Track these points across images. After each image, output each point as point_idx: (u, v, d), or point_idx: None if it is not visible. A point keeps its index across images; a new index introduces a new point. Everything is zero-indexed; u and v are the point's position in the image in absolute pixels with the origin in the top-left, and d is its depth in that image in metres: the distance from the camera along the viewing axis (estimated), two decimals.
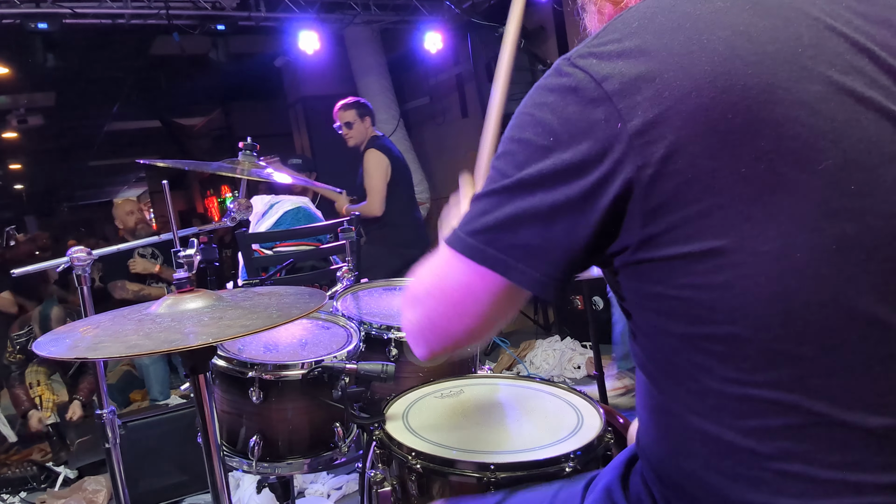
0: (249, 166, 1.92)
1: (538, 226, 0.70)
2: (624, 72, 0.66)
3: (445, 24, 5.28)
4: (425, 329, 0.83)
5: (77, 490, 3.02)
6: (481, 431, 1.26)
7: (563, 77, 0.70)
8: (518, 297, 0.77)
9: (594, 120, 0.67)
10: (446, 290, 0.79)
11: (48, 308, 3.91)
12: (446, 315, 0.79)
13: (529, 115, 0.72)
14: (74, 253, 1.62)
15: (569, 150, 0.68)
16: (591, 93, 0.67)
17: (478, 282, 0.75)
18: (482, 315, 0.77)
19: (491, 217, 0.72)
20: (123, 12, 4.27)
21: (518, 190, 0.71)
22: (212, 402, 1.14)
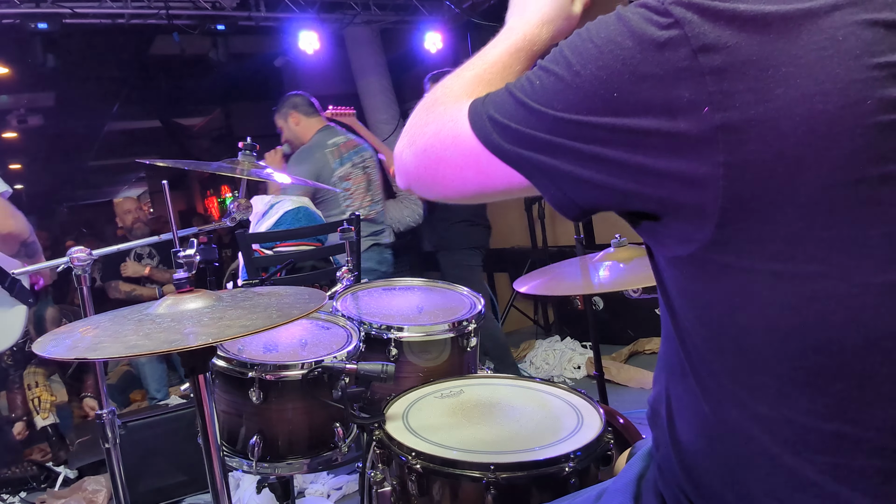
0: (249, 166, 1.92)
1: (575, 164, 0.63)
2: (732, 46, 0.56)
3: (445, 24, 5.27)
4: (421, 176, 0.79)
5: (77, 490, 3.02)
6: (481, 431, 1.26)
7: (653, 26, 0.58)
8: (530, 192, 0.72)
9: (675, 96, 0.57)
10: (459, 165, 0.74)
11: (42, 309, 3.90)
12: (447, 180, 0.76)
13: (596, 47, 0.61)
14: (74, 253, 1.62)
15: (633, 118, 0.59)
16: (681, 61, 0.57)
17: (499, 172, 0.70)
18: (483, 192, 0.74)
19: (532, 133, 0.66)
20: (123, 12, 4.27)
21: (564, 127, 0.63)
22: (212, 402, 1.14)
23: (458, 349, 1.74)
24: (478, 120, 0.71)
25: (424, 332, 1.70)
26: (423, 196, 0.82)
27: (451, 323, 1.73)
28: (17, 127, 8.10)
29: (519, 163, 0.68)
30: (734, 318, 0.62)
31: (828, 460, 0.59)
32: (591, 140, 0.62)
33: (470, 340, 1.75)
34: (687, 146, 0.57)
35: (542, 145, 0.65)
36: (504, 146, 0.68)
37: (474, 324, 1.76)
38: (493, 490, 1.07)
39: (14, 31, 4.03)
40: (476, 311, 1.81)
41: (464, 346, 1.74)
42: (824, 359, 0.58)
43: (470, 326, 1.75)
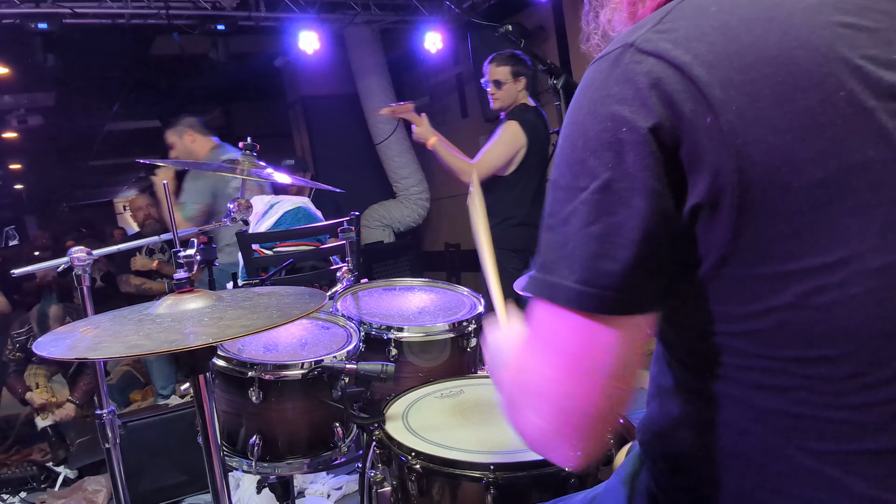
0: (249, 166, 1.92)
1: (632, 236, 0.61)
2: (710, 59, 0.59)
3: (445, 24, 5.27)
4: (565, 423, 0.65)
5: (77, 490, 3.02)
6: (481, 431, 1.26)
7: (630, 65, 0.62)
8: (638, 325, 0.65)
9: (678, 109, 0.59)
10: (570, 358, 0.64)
11: (46, 306, 3.92)
12: (581, 390, 0.64)
13: (589, 112, 0.64)
14: (74, 253, 1.62)
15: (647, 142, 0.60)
16: (672, 80, 0.59)
17: (598, 331, 0.62)
18: (616, 369, 0.64)
19: (571, 244, 0.62)
20: (123, 12, 4.27)
21: (601, 197, 0.61)
22: (212, 402, 1.14)
23: (458, 349, 1.74)
24: (555, 292, 0.64)
25: (424, 333, 1.70)
26: (604, 440, 0.70)
27: (451, 323, 1.73)
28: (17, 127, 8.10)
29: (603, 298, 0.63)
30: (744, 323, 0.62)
31: (826, 447, 0.60)
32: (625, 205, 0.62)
33: (470, 340, 1.75)
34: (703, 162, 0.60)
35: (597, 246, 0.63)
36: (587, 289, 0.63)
37: (474, 324, 1.76)
38: (492, 490, 1.07)
39: (14, 31, 4.04)
40: (476, 312, 1.81)
41: (464, 346, 1.74)
42: (828, 348, 0.59)
43: (470, 327, 1.75)
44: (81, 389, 3.84)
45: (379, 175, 6.31)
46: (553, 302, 0.64)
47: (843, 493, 0.60)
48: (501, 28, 2.96)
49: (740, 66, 0.59)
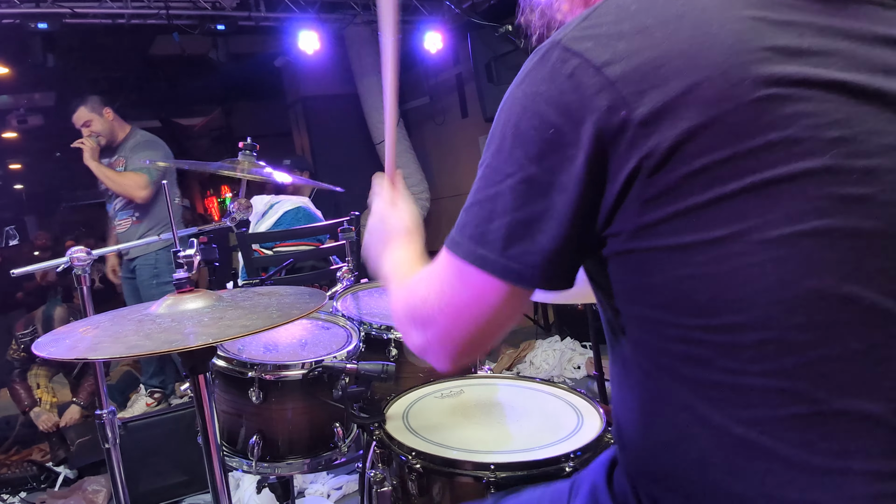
0: (249, 166, 1.92)
1: (552, 227, 0.69)
2: (626, 57, 0.65)
3: (445, 24, 5.27)
4: (445, 343, 0.81)
5: (77, 490, 3.02)
6: (481, 431, 1.26)
7: (557, 63, 0.68)
8: (528, 295, 0.76)
9: (596, 108, 0.65)
10: (459, 304, 0.77)
11: (51, 308, 3.91)
12: (463, 328, 0.78)
13: (522, 106, 0.70)
14: (74, 253, 1.62)
15: (571, 143, 0.66)
16: (591, 79, 0.65)
17: (490, 291, 0.74)
18: (496, 320, 0.77)
19: (497, 222, 0.71)
20: (123, 12, 4.27)
21: (525, 188, 0.69)
22: (212, 402, 1.14)
23: None
24: (462, 250, 0.76)
25: None
26: (469, 359, 0.84)
27: None
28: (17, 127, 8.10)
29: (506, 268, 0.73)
30: (657, 294, 0.68)
31: (752, 415, 0.63)
32: (550, 187, 0.70)
33: None
34: (618, 151, 0.65)
35: (516, 223, 0.72)
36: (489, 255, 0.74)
37: None
38: (493, 490, 1.07)
39: (14, 31, 4.03)
40: None
41: None
42: (732, 315, 0.63)
43: None
44: (86, 391, 3.84)
45: None
46: (479, 267, 0.73)
47: (777, 460, 0.63)
48: (501, 28, 2.97)
49: (652, 61, 0.64)
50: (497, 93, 4.93)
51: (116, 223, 3.88)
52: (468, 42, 5.06)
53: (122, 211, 3.85)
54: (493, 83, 4.92)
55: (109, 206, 3.95)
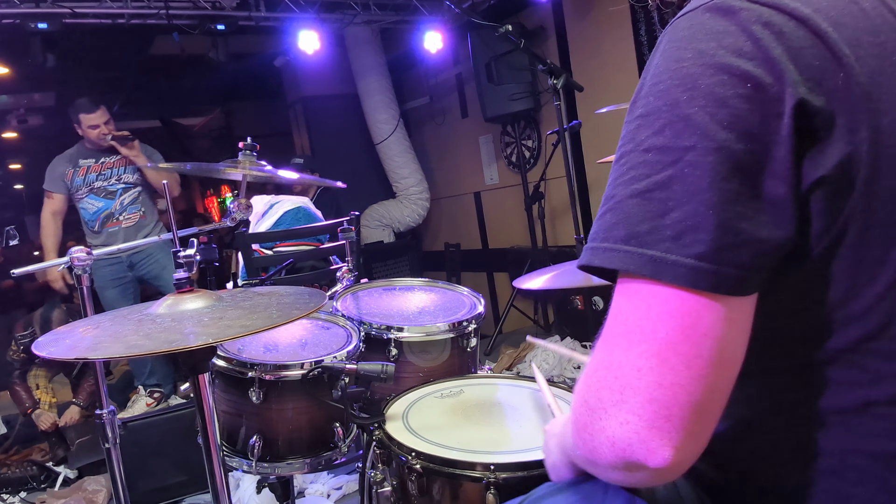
0: (249, 166, 1.92)
1: (762, 209, 0.53)
2: (833, 15, 0.54)
3: (445, 24, 5.27)
4: (658, 417, 0.54)
5: (77, 490, 3.02)
6: (481, 431, 1.26)
7: (742, 12, 0.55)
8: (745, 307, 0.57)
9: (809, 70, 0.52)
10: (660, 346, 0.54)
11: (50, 310, 3.92)
12: (677, 382, 0.54)
13: (696, 65, 0.55)
14: (74, 253, 1.62)
15: (776, 99, 0.53)
16: (796, 30, 0.53)
17: (705, 314, 0.54)
18: (720, 352, 0.55)
19: (676, 213, 0.53)
20: (123, 12, 4.27)
21: (717, 161, 0.53)
22: (212, 402, 1.14)
23: (458, 349, 1.74)
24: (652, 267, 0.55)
25: (424, 332, 1.70)
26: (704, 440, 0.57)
27: (450, 323, 1.73)
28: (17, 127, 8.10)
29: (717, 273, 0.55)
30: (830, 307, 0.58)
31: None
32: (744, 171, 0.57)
33: (470, 340, 1.75)
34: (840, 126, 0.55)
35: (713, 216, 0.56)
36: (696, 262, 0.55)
37: (474, 324, 1.76)
38: (493, 490, 1.07)
39: (14, 31, 4.03)
40: (476, 312, 1.81)
41: (464, 346, 1.74)
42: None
43: (470, 327, 1.75)
44: (86, 391, 3.84)
45: (379, 175, 6.31)
46: (655, 279, 0.54)
47: (890, 493, 0.57)
48: (501, 28, 2.96)
49: (867, 28, 0.54)
50: (497, 93, 4.92)
51: (122, 217, 3.98)
52: (468, 42, 5.06)
53: (131, 205, 4.00)
54: (493, 83, 4.91)
55: (107, 202, 4.00)
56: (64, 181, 3.99)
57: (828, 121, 0.52)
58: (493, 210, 6.02)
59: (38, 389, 3.82)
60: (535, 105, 5.05)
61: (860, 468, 0.58)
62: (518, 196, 5.32)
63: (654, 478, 0.56)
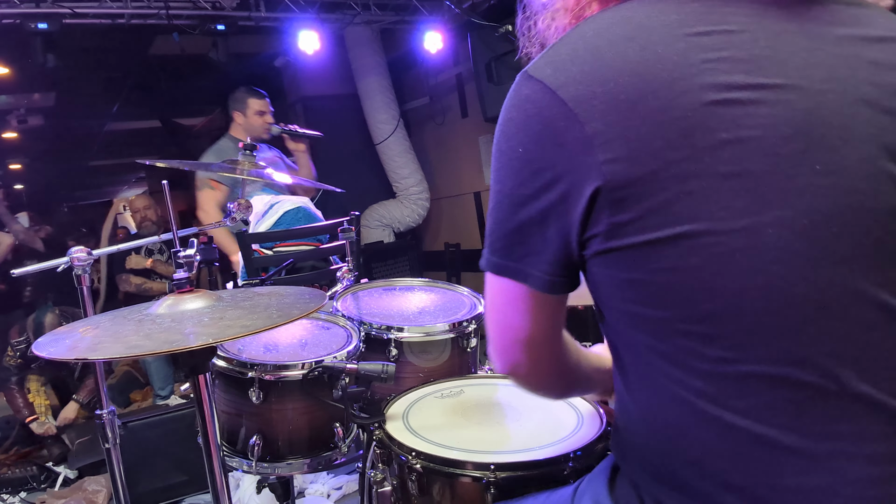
0: (249, 166, 1.92)
1: (536, 231, 0.75)
2: (578, 78, 0.70)
3: (445, 24, 5.27)
4: (496, 348, 0.87)
5: (77, 490, 3.02)
6: (481, 431, 1.26)
7: (522, 91, 0.75)
8: (546, 301, 0.80)
9: (557, 128, 0.70)
10: (497, 309, 0.84)
11: (42, 315, 3.86)
12: (503, 333, 0.85)
13: (502, 132, 0.78)
14: (75, 253, 1.62)
15: (542, 160, 0.72)
16: (549, 101, 0.71)
17: (513, 293, 0.80)
18: (529, 324, 0.82)
19: (500, 232, 0.79)
20: (123, 12, 4.27)
21: (513, 202, 0.76)
22: (212, 402, 1.14)
23: (459, 349, 1.74)
24: (486, 263, 0.82)
25: (424, 333, 1.70)
26: (522, 368, 0.89)
27: (451, 323, 1.73)
28: (17, 127, 8.10)
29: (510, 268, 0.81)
30: (639, 290, 0.71)
31: (745, 403, 0.65)
32: (530, 199, 0.77)
33: (470, 340, 1.75)
34: (582, 163, 0.70)
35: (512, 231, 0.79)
36: (499, 260, 0.81)
37: (474, 324, 1.76)
38: (493, 490, 1.07)
39: (14, 31, 4.03)
40: (476, 312, 1.81)
41: (464, 346, 1.74)
42: (716, 305, 0.66)
43: (470, 327, 1.75)
44: (87, 388, 3.83)
45: (379, 175, 6.31)
46: (494, 272, 0.81)
47: (773, 447, 0.64)
48: (501, 28, 2.96)
49: (602, 80, 0.69)
50: (497, 93, 4.92)
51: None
52: (468, 42, 5.06)
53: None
54: (493, 83, 4.91)
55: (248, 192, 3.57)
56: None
57: (575, 166, 0.70)
58: None
59: (30, 393, 3.81)
60: None
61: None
62: None
63: (519, 384, 0.91)
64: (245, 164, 1.92)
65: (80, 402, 3.78)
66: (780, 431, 0.64)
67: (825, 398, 0.63)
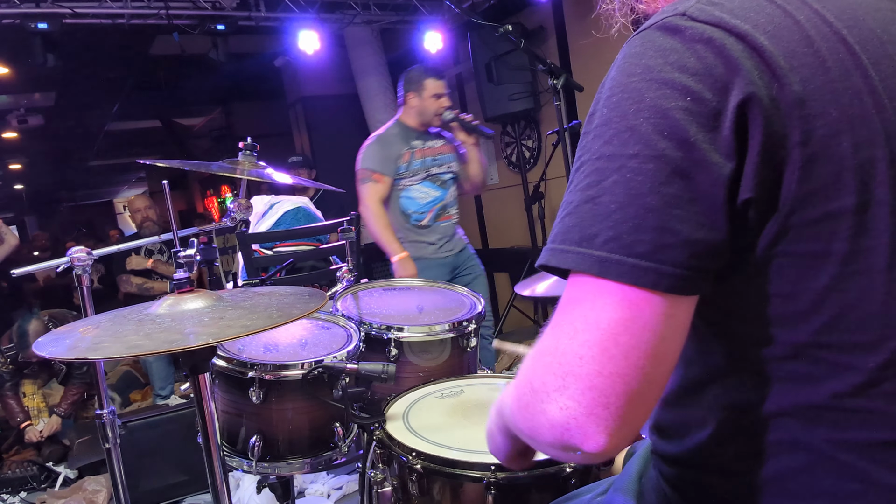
0: (249, 166, 1.92)
1: (696, 213, 0.58)
2: (770, 29, 0.59)
3: (445, 23, 5.27)
4: (596, 404, 0.57)
5: (77, 490, 3.02)
6: (481, 431, 1.26)
7: (688, 31, 0.60)
8: (684, 306, 0.61)
9: (745, 75, 0.57)
10: (602, 338, 0.58)
11: (26, 323, 3.71)
12: (615, 372, 0.57)
13: (643, 80, 0.61)
14: (74, 253, 1.62)
15: (715, 112, 0.57)
16: (736, 45, 0.58)
17: (645, 309, 0.58)
18: (658, 347, 0.58)
19: (635, 221, 0.58)
20: (123, 12, 4.27)
21: (657, 168, 0.58)
22: (212, 402, 1.14)
23: (459, 349, 1.74)
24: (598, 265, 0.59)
25: (424, 332, 1.70)
26: (635, 429, 0.61)
27: (451, 323, 1.73)
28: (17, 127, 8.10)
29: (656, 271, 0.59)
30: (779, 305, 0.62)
31: (851, 437, 0.60)
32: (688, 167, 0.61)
33: (470, 340, 1.75)
34: (771, 130, 0.59)
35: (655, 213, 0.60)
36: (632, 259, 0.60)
37: (474, 324, 1.76)
38: (493, 490, 1.07)
39: (14, 31, 4.03)
40: (476, 311, 1.81)
41: (464, 346, 1.74)
42: (858, 336, 0.59)
43: (470, 326, 1.75)
44: (68, 400, 3.77)
45: None
46: (601, 276, 0.58)
47: (872, 484, 0.60)
48: (501, 28, 2.96)
49: (800, 39, 0.59)
50: (497, 93, 4.92)
51: (453, 212, 3.29)
52: (468, 42, 5.06)
53: (454, 200, 3.32)
54: (493, 83, 4.91)
55: (443, 192, 3.25)
56: (398, 163, 3.15)
57: (762, 128, 0.57)
58: (494, 210, 6.02)
59: (25, 397, 3.80)
60: (535, 105, 5.05)
61: (839, 461, 0.61)
62: (518, 196, 5.32)
63: (587, 459, 0.60)
64: (245, 164, 1.91)
65: (61, 415, 3.74)
66: (884, 470, 0.60)
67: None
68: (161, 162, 1.89)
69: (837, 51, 0.59)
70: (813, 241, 0.58)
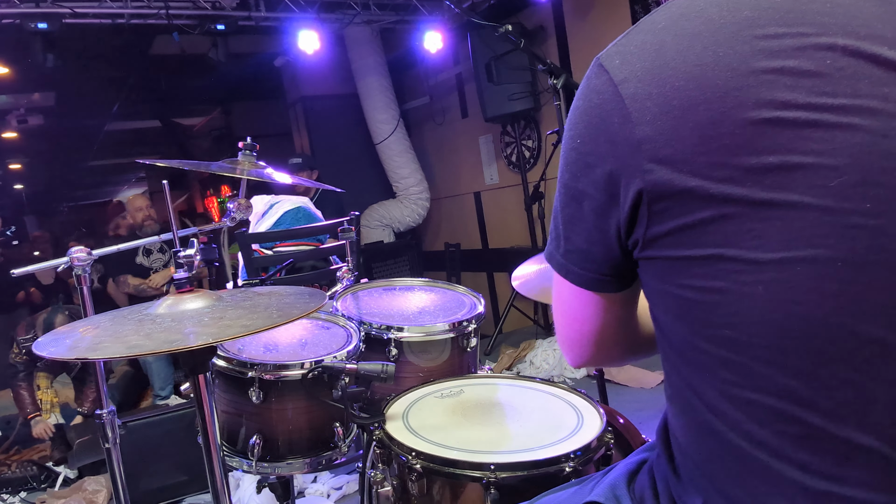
0: (249, 166, 1.92)
1: (582, 227, 0.75)
2: (640, 75, 0.67)
3: (445, 23, 5.27)
4: (563, 340, 0.89)
5: (77, 490, 3.02)
6: (481, 431, 1.26)
7: (592, 80, 0.72)
8: (595, 299, 0.81)
9: (612, 124, 0.69)
10: (559, 300, 0.86)
11: (54, 315, 3.86)
12: (569, 325, 0.86)
13: (569, 119, 0.76)
14: (74, 253, 1.62)
15: (595, 154, 0.71)
16: (611, 95, 0.69)
17: (567, 292, 0.82)
18: (591, 319, 0.83)
19: (553, 223, 0.80)
20: (123, 12, 4.27)
21: (567, 194, 0.76)
22: (212, 402, 1.14)
23: (458, 349, 1.74)
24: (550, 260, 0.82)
25: (424, 332, 1.70)
26: (590, 361, 0.90)
27: (451, 323, 1.73)
28: (17, 127, 8.10)
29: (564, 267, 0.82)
30: (671, 300, 0.70)
31: (749, 428, 0.65)
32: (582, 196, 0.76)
33: (470, 340, 1.75)
34: (630, 165, 0.68)
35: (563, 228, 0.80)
36: (560, 259, 0.81)
37: (474, 324, 1.76)
38: (493, 490, 1.07)
39: (14, 31, 4.03)
40: (476, 311, 1.81)
41: (464, 346, 1.74)
42: (734, 333, 0.65)
43: (470, 326, 1.75)
44: (89, 398, 3.84)
45: (379, 175, 6.31)
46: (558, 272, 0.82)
47: (771, 474, 0.64)
48: (501, 28, 2.96)
49: (659, 81, 0.66)
50: (497, 93, 4.92)
51: None
52: (468, 42, 5.06)
53: None
54: (493, 83, 4.91)
55: None
56: None
57: (622, 166, 0.68)
58: (494, 210, 6.02)
59: (39, 390, 3.83)
60: (535, 105, 5.05)
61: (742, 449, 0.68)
62: (518, 196, 5.32)
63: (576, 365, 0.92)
64: (245, 164, 1.91)
65: (85, 414, 3.79)
66: (779, 461, 0.63)
67: (827, 441, 0.61)
68: (161, 162, 1.89)
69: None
70: (672, 248, 0.68)
